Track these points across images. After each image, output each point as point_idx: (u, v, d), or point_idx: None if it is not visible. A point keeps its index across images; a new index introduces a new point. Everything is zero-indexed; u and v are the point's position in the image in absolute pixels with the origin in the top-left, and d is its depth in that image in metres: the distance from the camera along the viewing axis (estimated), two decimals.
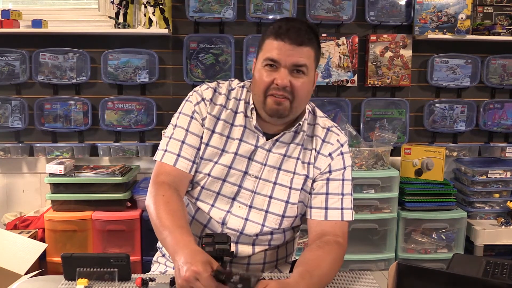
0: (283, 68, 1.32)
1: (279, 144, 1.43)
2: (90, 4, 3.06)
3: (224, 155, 1.41)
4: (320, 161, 1.43)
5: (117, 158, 3.01)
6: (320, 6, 2.94)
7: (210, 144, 1.42)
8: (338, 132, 1.47)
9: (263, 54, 1.34)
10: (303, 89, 1.34)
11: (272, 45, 1.32)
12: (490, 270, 1.35)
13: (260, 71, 1.35)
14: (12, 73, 2.92)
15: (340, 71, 2.98)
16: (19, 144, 2.97)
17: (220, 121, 1.43)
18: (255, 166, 1.41)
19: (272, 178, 1.42)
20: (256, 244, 1.43)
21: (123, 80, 2.94)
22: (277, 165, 1.42)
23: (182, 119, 1.43)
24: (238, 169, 1.41)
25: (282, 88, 1.31)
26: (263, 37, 1.37)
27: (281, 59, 1.31)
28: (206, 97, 1.43)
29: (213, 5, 2.86)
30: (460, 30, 2.91)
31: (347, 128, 2.89)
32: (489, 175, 2.91)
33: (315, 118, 1.48)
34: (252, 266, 1.45)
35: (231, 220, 1.40)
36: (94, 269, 1.28)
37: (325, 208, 1.41)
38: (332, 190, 1.43)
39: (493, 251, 2.97)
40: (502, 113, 3.14)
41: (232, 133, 1.43)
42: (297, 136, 1.44)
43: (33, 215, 2.89)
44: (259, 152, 1.42)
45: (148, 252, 2.72)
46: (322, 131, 1.46)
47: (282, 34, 1.31)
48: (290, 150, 1.43)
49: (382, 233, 2.86)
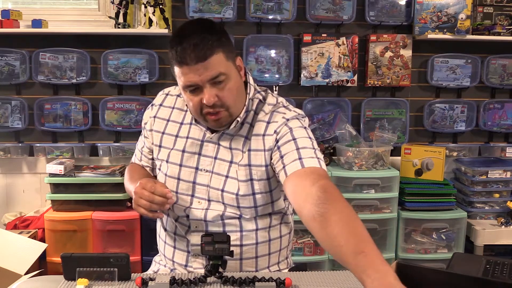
0: (204, 87, 1.30)
1: (226, 136, 1.42)
2: (90, 4, 3.06)
3: (173, 154, 1.46)
4: (267, 141, 1.38)
5: (117, 158, 3.01)
6: (320, 6, 2.94)
7: (162, 145, 1.49)
8: (284, 111, 1.41)
9: (180, 83, 1.33)
10: (232, 94, 1.33)
11: (181, 72, 1.30)
12: (490, 269, 1.35)
13: (187, 97, 1.35)
14: (12, 73, 2.92)
15: (340, 71, 2.98)
16: (19, 144, 2.97)
17: (170, 122, 1.49)
18: (205, 160, 1.43)
19: (224, 171, 1.42)
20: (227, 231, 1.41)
21: (123, 80, 2.94)
22: (228, 158, 1.42)
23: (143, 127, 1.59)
24: (189, 166, 1.44)
25: (212, 105, 1.31)
26: (170, 61, 1.33)
27: (197, 81, 1.29)
28: (156, 103, 1.54)
29: (213, 5, 2.86)
30: (460, 30, 2.91)
31: (347, 128, 2.89)
32: (489, 175, 2.91)
33: (263, 106, 1.43)
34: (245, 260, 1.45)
35: (192, 212, 1.43)
36: (94, 269, 1.28)
37: (283, 167, 1.32)
38: (285, 151, 1.34)
39: (493, 251, 2.96)
40: (502, 113, 3.14)
41: (181, 131, 1.47)
42: (242, 128, 1.42)
43: (33, 215, 2.89)
44: (206, 146, 1.43)
45: (148, 252, 2.72)
46: (266, 115, 1.41)
47: (183, 58, 1.27)
48: (234, 142, 1.41)
49: (382, 233, 2.86)
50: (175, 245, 1.49)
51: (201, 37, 1.27)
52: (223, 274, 1.27)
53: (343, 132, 2.90)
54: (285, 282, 1.25)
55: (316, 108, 3.05)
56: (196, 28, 1.30)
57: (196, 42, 1.26)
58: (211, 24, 1.33)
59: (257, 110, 1.43)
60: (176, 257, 1.50)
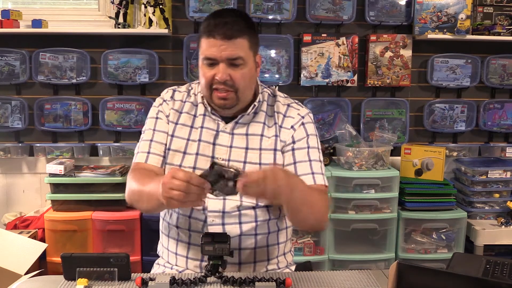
0: (221, 63, 1.38)
1: (239, 126, 1.49)
2: (90, 4, 3.06)
3: (190, 144, 1.49)
4: (283, 134, 1.50)
5: (117, 158, 3.01)
6: (320, 6, 2.94)
7: (175, 135, 1.50)
8: (298, 107, 1.54)
9: (201, 53, 1.42)
10: (244, 79, 1.41)
11: (205, 43, 1.39)
12: (490, 269, 1.35)
13: (201, 69, 1.43)
14: (12, 73, 2.92)
15: (340, 71, 2.98)
16: (19, 144, 2.97)
17: (183, 113, 1.52)
18: (220, 149, 1.48)
19: (241, 158, 1.47)
20: (243, 222, 1.44)
21: (123, 80, 2.94)
22: (244, 145, 1.48)
23: (149, 122, 1.54)
24: (205, 155, 1.47)
25: (223, 82, 1.39)
26: (199, 34, 1.43)
27: (216, 56, 1.38)
28: (166, 98, 1.55)
29: (213, 5, 2.86)
30: (460, 30, 2.91)
31: (347, 128, 2.89)
32: (489, 175, 2.91)
33: (275, 98, 1.55)
34: (243, 250, 1.47)
35: (210, 203, 1.43)
36: (94, 269, 1.28)
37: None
38: (299, 159, 1.48)
39: (493, 251, 2.96)
40: (502, 113, 3.14)
41: (195, 123, 1.51)
42: (256, 116, 1.51)
43: (33, 215, 2.89)
44: (221, 136, 1.48)
45: (148, 252, 2.72)
46: (283, 107, 1.53)
47: (211, 31, 1.37)
48: (251, 128, 1.49)
49: (382, 233, 2.86)
50: (190, 241, 1.48)
51: (234, 19, 1.38)
52: (223, 274, 1.27)
53: (343, 132, 2.90)
54: (285, 282, 1.25)
55: (316, 108, 3.04)
56: (233, 12, 1.43)
57: (228, 21, 1.37)
58: (247, 15, 1.46)
59: (270, 101, 1.54)
60: (190, 253, 1.49)
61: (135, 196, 1.42)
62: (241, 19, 1.40)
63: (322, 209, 1.41)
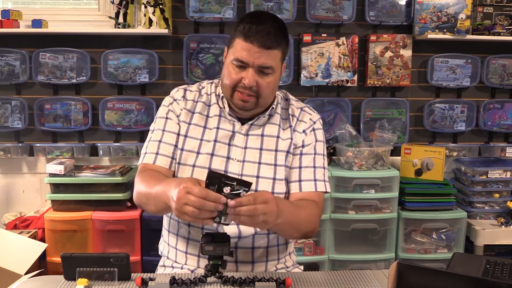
0: (251, 68, 1.39)
1: (254, 127, 1.51)
2: (90, 4, 3.07)
3: (204, 144, 1.48)
4: (296, 137, 1.53)
5: (117, 158, 3.01)
6: (320, 6, 2.94)
7: (188, 135, 1.50)
8: (310, 112, 1.58)
9: (233, 52, 1.41)
10: (269, 87, 1.44)
11: (241, 45, 1.39)
12: (490, 269, 1.35)
13: (229, 67, 1.43)
14: (12, 73, 2.92)
15: (340, 71, 2.98)
16: (19, 144, 2.97)
17: (195, 114, 1.52)
18: (236, 150, 1.48)
19: (255, 159, 1.48)
20: None
21: (123, 80, 2.94)
22: (258, 146, 1.49)
23: (158, 122, 1.52)
24: (221, 155, 1.47)
25: (248, 88, 1.40)
26: (234, 32, 1.42)
27: (249, 61, 1.38)
28: (177, 97, 1.53)
29: (213, 5, 2.86)
30: (460, 30, 2.91)
31: (347, 128, 2.89)
32: (489, 175, 2.91)
33: (288, 102, 1.59)
34: (256, 249, 1.48)
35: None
36: (94, 269, 1.28)
37: (299, 180, 1.50)
38: (305, 164, 1.51)
39: (493, 251, 2.96)
40: (502, 113, 3.14)
41: (209, 123, 1.51)
42: (272, 118, 1.53)
43: (33, 215, 2.89)
44: (237, 137, 1.49)
45: (148, 252, 2.72)
46: (297, 110, 1.56)
47: (251, 37, 1.37)
48: (267, 129, 1.51)
49: (382, 233, 2.86)
50: (189, 237, 1.48)
51: (276, 30, 1.39)
52: (223, 274, 1.27)
53: (343, 132, 2.90)
54: (285, 282, 1.25)
55: (316, 108, 2.99)
56: (274, 20, 1.42)
57: (270, 31, 1.37)
58: (284, 25, 1.45)
59: (283, 104, 1.57)
60: (189, 249, 1.49)
61: (142, 198, 1.40)
62: (280, 29, 1.41)
63: (308, 225, 1.42)
